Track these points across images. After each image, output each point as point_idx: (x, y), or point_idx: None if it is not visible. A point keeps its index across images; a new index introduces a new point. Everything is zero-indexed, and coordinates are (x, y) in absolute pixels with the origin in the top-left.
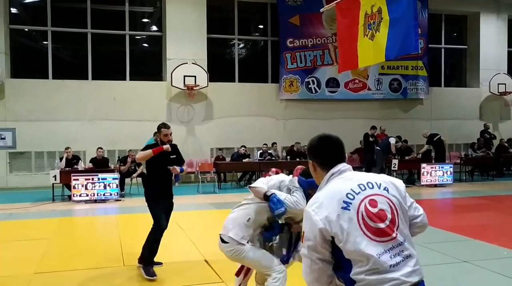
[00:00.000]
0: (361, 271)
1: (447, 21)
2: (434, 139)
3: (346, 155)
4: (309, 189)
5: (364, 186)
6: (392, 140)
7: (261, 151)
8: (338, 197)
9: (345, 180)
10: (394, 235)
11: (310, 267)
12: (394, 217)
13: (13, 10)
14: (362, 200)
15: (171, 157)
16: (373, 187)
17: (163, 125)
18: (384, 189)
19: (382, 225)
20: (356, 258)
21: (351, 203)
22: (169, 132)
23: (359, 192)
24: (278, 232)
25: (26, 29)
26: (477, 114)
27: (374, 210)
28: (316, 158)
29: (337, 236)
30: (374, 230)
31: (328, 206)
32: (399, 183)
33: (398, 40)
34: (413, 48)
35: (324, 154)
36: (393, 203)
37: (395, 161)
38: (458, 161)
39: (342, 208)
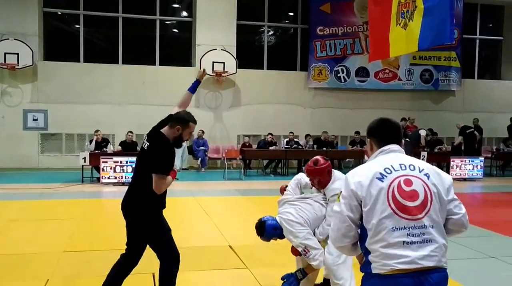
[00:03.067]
0: (374, 241)
1: (482, 11)
2: (467, 131)
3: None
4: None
5: (405, 166)
6: (423, 133)
7: (287, 139)
8: (376, 169)
9: (389, 158)
10: (420, 216)
11: (339, 224)
12: (426, 201)
13: None
14: (398, 177)
15: None
16: (413, 170)
17: (192, 118)
18: (425, 174)
19: (410, 204)
20: (372, 226)
21: (386, 176)
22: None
23: (398, 170)
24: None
25: (59, 13)
26: (511, 107)
27: (407, 189)
28: (373, 136)
29: (364, 200)
30: (401, 205)
31: (364, 174)
32: (446, 176)
33: (433, 30)
34: (448, 38)
35: (380, 133)
36: (429, 189)
37: (424, 153)
38: (489, 155)
39: (376, 178)
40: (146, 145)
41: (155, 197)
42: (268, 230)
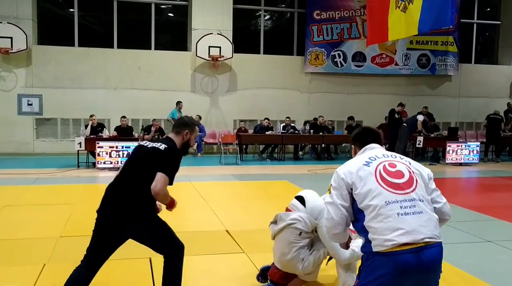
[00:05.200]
0: (370, 218)
1: None
2: (490, 116)
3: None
4: None
5: (387, 155)
6: (421, 118)
7: (283, 124)
8: (362, 159)
9: (373, 151)
10: (408, 190)
11: (333, 214)
12: (411, 180)
13: None
14: (382, 162)
15: None
16: (395, 158)
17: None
18: (407, 161)
19: (397, 180)
20: (367, 205)
21: (371, 162)
22: None
23: (381, 157)
24: None
25: None
26: (507, 92)
27: (392, 170)
28: (357, 141)
29: (355, 185)
30: (390, 183)
31: (351, 164)
32: (425, 169)
33: (433, 13)
34: (449, 21)
35: (362, 138)
36: (413, 171)
37: (420, 138)
38: (485, 140)
39: (363, 164)
40: (158, 146)
41: (152, 199)
42: None
